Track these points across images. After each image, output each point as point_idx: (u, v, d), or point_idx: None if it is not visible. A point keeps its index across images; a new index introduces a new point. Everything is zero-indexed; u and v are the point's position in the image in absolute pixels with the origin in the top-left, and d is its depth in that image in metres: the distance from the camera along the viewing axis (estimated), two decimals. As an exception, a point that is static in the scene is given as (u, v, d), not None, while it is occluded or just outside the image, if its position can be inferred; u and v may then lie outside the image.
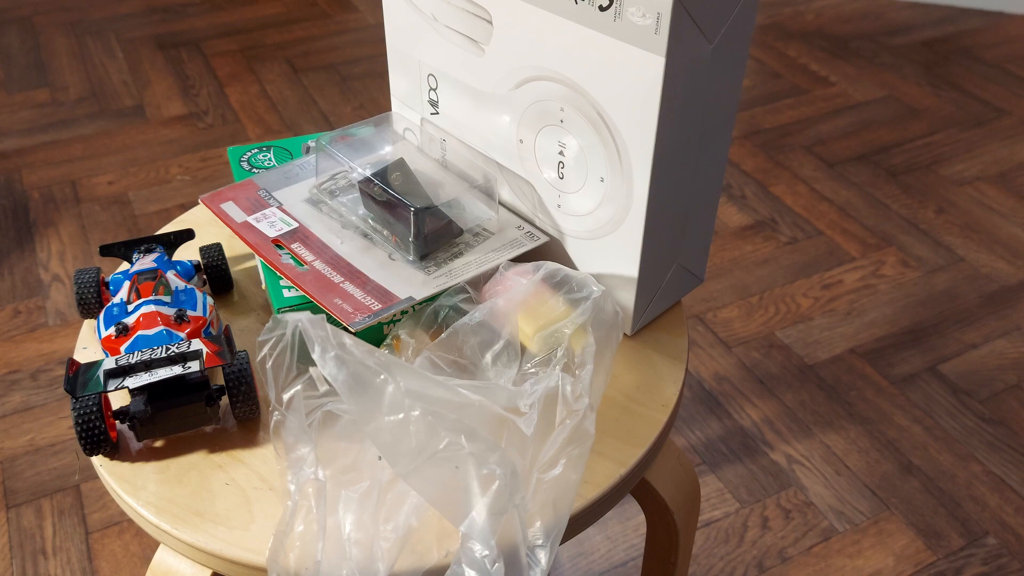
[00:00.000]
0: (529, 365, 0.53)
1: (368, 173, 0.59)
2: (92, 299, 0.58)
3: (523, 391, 0.48)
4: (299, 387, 0.47)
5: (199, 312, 0.55)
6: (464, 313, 0.54)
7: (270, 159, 0.69)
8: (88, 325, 0.61)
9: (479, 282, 0.57)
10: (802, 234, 1.47)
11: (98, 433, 0.50)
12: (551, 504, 0.46)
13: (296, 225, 0.60)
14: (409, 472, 0.43)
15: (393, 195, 0.57)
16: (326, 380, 0.47)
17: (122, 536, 1.01)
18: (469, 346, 0.52)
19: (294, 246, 0.58)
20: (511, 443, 0.46)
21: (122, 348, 0.53)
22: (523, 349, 0.53)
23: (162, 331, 0.53)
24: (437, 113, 0.64)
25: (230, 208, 0.61)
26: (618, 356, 0.58)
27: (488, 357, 0.52)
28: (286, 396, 0.47)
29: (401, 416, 0.43)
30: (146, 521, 0.50)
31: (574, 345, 0.52)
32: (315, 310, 0.55)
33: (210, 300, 0.57)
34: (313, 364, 0.46)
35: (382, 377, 0.44)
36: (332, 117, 1.76)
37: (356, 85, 1.87)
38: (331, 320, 0.53)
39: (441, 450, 0.43)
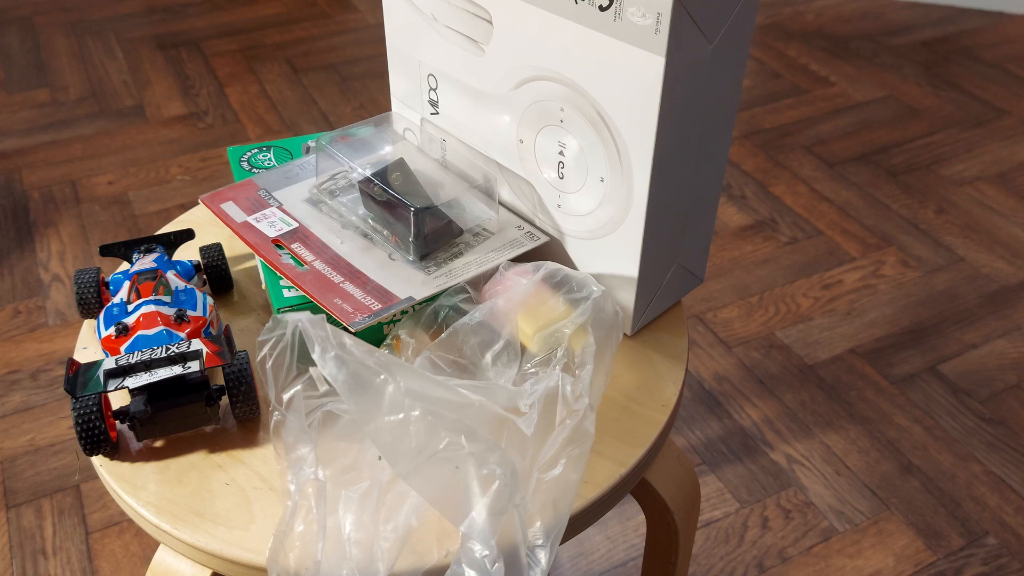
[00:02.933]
0: (529, 365, 0.53)
1: (368, 173, 0.59)
2: (92, 299, 0.58)
3: (523, 391, 0.48)
4: (299, 387, 0.47)
5: (199, 312, 0.55)
6: (464, 313, 0.54)
7: (270, 159, 0.69)
8: (88, 325, 0.61)
9: (479, 282, 0.57)
10: (802, 234, 1.47)
11: (98, 433, 0.50)
12: (551, 504, 0.46)
13: (296, 225, 0.60)
14: (409, 472, 0.43)
15: (393, 195, 0.57)
16: (326, 380, 0.47)
17: (122, 536, 1.01)
18: (469, 346, 0.52)
19: (294, 246, 0.58)
20: (511, 443, 0.46)
21: (122, 348, 0.53)
22: (523, 349, 0.53)
23: (162, 331, 0.53)
24: (437, 113, 0.64)
25: (230, 208, 0.61)
26: (618, 356, 0.58)
27: (488, 357, 0.52)
28: (286, 396, 0.47)
29: (401, 416, 0.43)
30: (146, 521, 0.50)
31: (574, 345, 0.52)
32: (315, 310, 0.55)
33: (210, 300, 0.57)
34: (313, 364, 0.46)
35: (382, 377, 0.44)
36: (332, 117, 1.76)
37: (356, 85, 1.87)
38: (331, 320, 0.53)
39: (441, 450, 0.43)
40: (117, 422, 0.53)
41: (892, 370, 1.22)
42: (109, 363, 0.50)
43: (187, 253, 0.68)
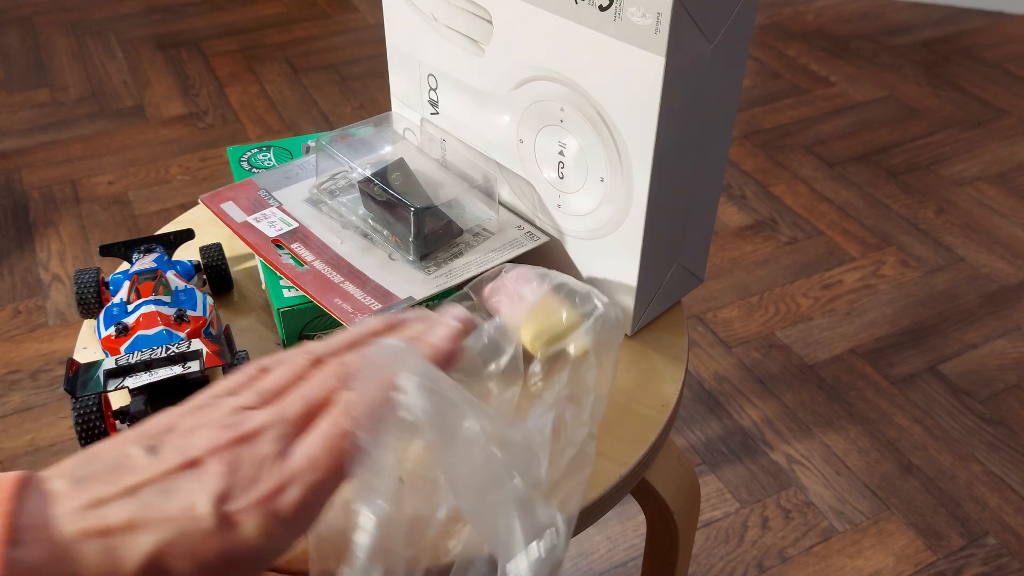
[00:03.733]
0: (533, 379, 0.52)
1: (368, 173, 0.59)
2: (92, 299, 0.58)
3: (535, 425, 0.48)
4: None
5: (199, 312, 0.55)
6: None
7: (270, 159, 0.69)
8: (88, 325, 0.61)
9: (480, 285, 0.57)
10: (802, 234, 1.47)
11: (98, 433, 0.50)
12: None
13: (296, 225, 0.60)
14: (472, 508, 0.43)
15: (393, 195, 0.57)
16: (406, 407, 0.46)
17: (122, 536, 1.00)
18: (471, 358, 0.52)
19: (294, 246, 0.58)
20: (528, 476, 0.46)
21: (122, 348, 0.53)
22: (527, 357, 0.53)
23: (162, 331, 0.53)
24: (437, 113, 0.64)
25: (230, 208, 0.61)
26: (618, 356, 0.58)
27: (491, 370, 0.52)
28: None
29: (474, 451, 0.43)
30: (146, 521, 0.49)
31: (575, 364, 0.52)
32: (315, 310, 0.55)
33: (210, 300, 0.57)
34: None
35: (459, 410, 0.43)
36: (332, 117, 1.76)
37: (356, 85, 1.87)
38: (332, 321, 0.53)
39: (505, 490, 0.43)
40: (117, 422, 0.53)
41: (892, 370, 1.22)
42: (109, 363, 0.50)
43: (187, 253, 0.68)
